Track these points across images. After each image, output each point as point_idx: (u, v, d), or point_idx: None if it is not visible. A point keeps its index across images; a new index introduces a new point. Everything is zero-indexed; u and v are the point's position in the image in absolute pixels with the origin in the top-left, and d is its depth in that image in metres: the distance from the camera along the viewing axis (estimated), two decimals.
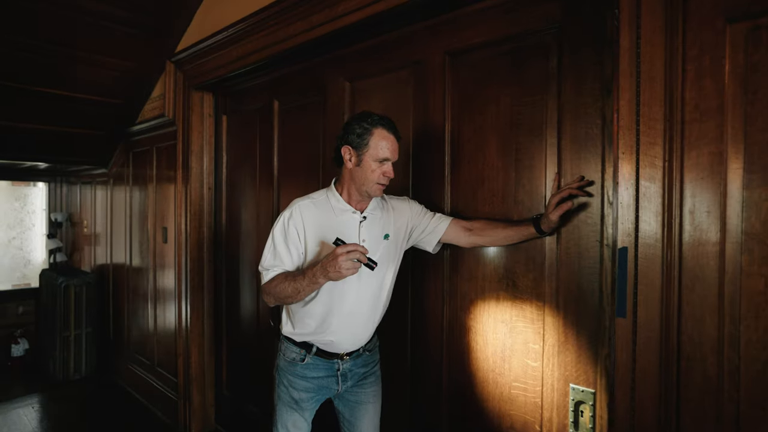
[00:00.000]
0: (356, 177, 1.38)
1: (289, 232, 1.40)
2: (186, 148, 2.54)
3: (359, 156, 1.36)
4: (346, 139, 1.38)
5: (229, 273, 2.52)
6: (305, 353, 1.46)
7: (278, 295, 1.38)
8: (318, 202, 1.44)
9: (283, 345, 1.51)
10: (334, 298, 1.39)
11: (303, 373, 1.47)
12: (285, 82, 2.12)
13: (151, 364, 3.10)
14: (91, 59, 2.51)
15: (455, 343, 1.48)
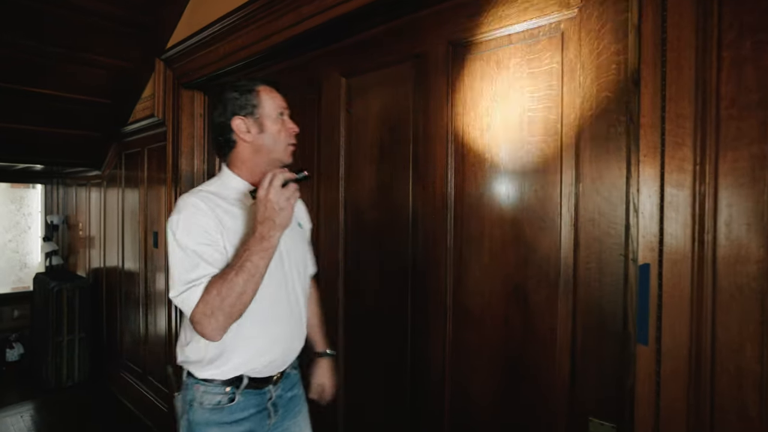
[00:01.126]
0: (264, 147, 1.17)
1: (206, 228, 1.07)
2: (175, 149, 2.43)
3: (257, 120, 1.16)
4: (232, 113, 1.16)
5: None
6: (233, 390, 1.14)
7: (227, 301, 1.00)
8: (218, 194, 1.15)
9: (199, 392, 1.15)
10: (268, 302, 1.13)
11: (231, 417, 1.15)
12: (279, 78, 1.99)
13: (142, 372, 2.99)
14: (82, 58, 2.41)
15: (458, 363, 1.34)
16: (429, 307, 1.41)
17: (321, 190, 1.77)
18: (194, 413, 1.14)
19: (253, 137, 1.16)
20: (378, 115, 1.56)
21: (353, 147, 1.66)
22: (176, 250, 1.07)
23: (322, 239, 1.77)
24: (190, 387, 1.16)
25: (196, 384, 1.15)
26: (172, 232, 1.08)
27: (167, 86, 2.44)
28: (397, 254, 1.50)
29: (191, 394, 1.16)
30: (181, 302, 1.04)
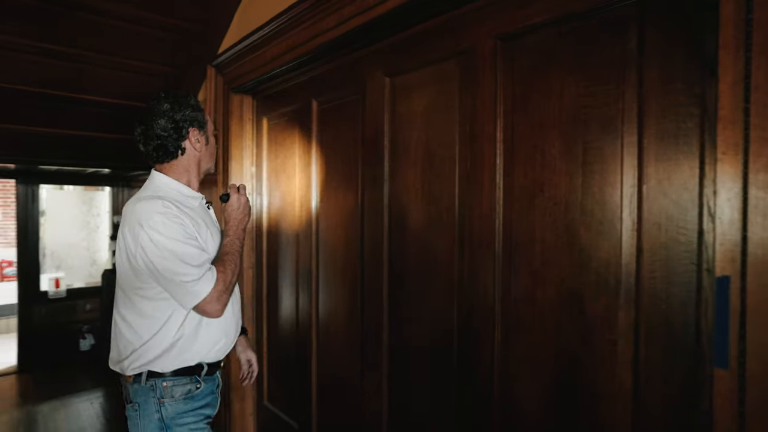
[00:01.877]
0: (205, 158, 1.34)
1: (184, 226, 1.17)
2: (226, 152, 2.50)
3: (205, 134, 1.30)
4: (189, 123, 1.26)
5: (270, 282, 2.45)
6: (197, 377, 1.25)
7: (234, 279, 1.22)
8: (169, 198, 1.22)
9: (167, 387, 1.22)
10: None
11: (201, 402, 1.27)
12: (323, 80, 2.00)
13: None
14: (142, 67, 2.55)
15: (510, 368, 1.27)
16: (475, 312, 1.34)
17: (365, 192, 1.75)
18: (167, 409, 1.21)
19: (201, 148, 1.31)
20: (422, 114, 1.52)
21: (397, 148, 1.62)
22: (174, 246, 1.14)
23: (366, 243, 1.75)
24: (157, 387, 1.22)
25: (164, 381, 1.22)
26: (161, 233, 1.14)
27: (218, 91, 2.52)
28: (442, 258, 1.45)
29: (159, 392, 1.22)
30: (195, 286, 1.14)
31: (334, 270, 1.95)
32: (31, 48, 2.20)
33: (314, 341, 2.07)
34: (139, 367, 1.23)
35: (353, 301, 1.83)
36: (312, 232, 2.07)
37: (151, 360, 1.22)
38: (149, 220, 1.14)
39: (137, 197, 1.25)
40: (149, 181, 1.30)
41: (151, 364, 1.22)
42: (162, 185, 1.27)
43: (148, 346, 1.22)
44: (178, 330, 1.21)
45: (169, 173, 1.29)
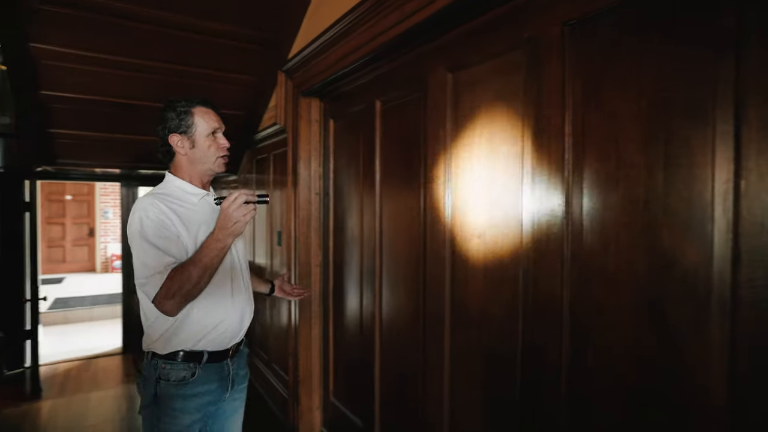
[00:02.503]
0: (196, 160, 1.40)
1: (166, 226, 1.29)
2: (295, 154, 2.59)
3: (190, 138, 1.38)
4: (169, 129, 1.39)
5: (336, 279, 2.50)
6: (195, 365, 1.36)
7: (184, 288, 1.23)
8: (168, 194, 1.37)
9: (164, 369, 1.34)
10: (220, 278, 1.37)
11: (194, 390, 1.36)
12: (386, 80, 2.00)
13: (268, 359, 3.28)
14: (220, 76, 2.72)
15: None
16: (542, 318, 1.25)
17: (427, 191, 1.72)
18: (161, 388, 1.34)
19: (186, 151, 1.39)
20: (486, 109, 1.45)
21: (460, 145, 1.57)
22: (142, 243, 1.27)
23: (429, 243, 1.71)
24: (157, 366, 1.35)
25: (163, 363, 1.34)
26: (137, 229, 1.28)
27: (287, 95, 2.62)
28: (505, 259, 1.37)
29: (157, 372, 1.35)
30: (144, 287, 1.27)
31: (396, 270, 1.95)
32: (129, 65, 2.44)
33: (377, 340, 2.08)
34: (147, 347, 1.39)
35: (416, 301, 1.81)
36: (375, 231, 2.08)
37: (154, 341, 1.35)
38: (137, 213, 1.30)
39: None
40: (165, 178, 1.46)
41: (153, 345, 1.36)
42: (168, 182, 1.43)
43: (152, 328, 1.35)
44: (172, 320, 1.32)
45: (174, 172, 1.44)
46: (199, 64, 2.58)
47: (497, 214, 1.40)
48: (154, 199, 1.33)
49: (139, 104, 2.72)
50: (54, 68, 2.36)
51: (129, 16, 2.16)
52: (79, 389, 3.58)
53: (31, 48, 2.21)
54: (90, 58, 2.33)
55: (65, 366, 4.24)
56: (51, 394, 3.52)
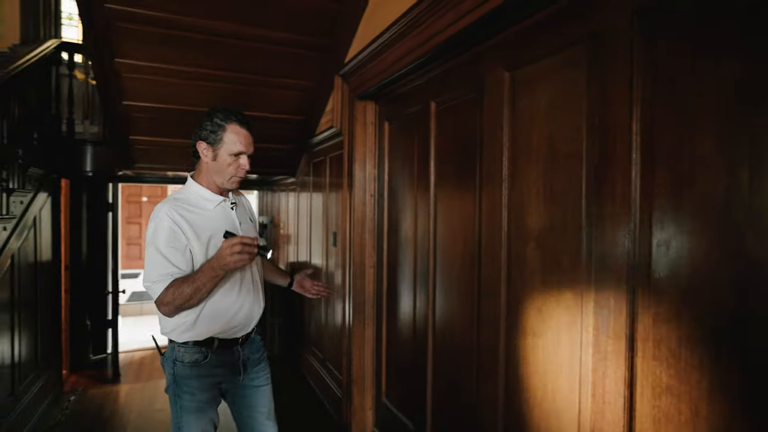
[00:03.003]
0: (213, 171, 1.50)
1: (174, 234, 1.41)
2: (350, 156, 2.64)
3: (214, 151, 1.47)
4: (200, 135, 1.48)
5: (389, 280, 2.51)
6: (207, 350, 1.51)
7: (176, 302, 1.37)
8: (184, 200, 1.50)
9: (180, 352, 1.50)
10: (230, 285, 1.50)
11: (207, 371, 1.51)
12: (441, 80, 1.98)
13: (323, 357, 3.35)
14: (279, 83, 2.83)
15: None
16: (605, 331, 1.18)
17: (483, 193, 1.68)
18: (177, 368, 1.50)
19: (208, 161, 1.50)
20: (545, 108, 1.40)
21: (518, 146, 1.52)
22: (154, 250, 1.41)
23: (484, 246, 1.67)
24: (174, 349, 1.52)
25: (178, 347, 1.51)
26: (150, 236, 1.42)
27: (344, 99, 2.67)
28: (566, 264, 1.31)
29: (174, 354, 1.52)
30: (149, 289, 1.42)
31: (450, 272, 1.92)
32: (194, 74, 2.60)
33: (430, 343, 2.06)
34: (163, 334, 1.55)
35: (470, 305, 1.77)
36: (429, 233, 2.06)
37: (169, 331, 1.52)
38: (152, 221, 1.44)
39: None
40: (186, 183, 1.58)
41: (169, 334, 1.53)
42: (187, 187, 1.55)
43: (166, 320, 1.50)
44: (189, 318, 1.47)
45: (196, 176, 1.56)
46: (259, 72, 2.70)
47: (557, 217, 1.34)
48: (172, 207, 1.44)
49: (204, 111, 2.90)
50: (133, 80, 2.57)
51: (191, 28, 2.30)
52: (151, 377, 3.86)
53: (115, 63, 2.43)
54: (161, 69, 2.51)
55: (140, 354, 4.59)
56: (128, 380, 3.83)
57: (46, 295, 3.16)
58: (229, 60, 2.56)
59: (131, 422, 2.96)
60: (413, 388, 2.20)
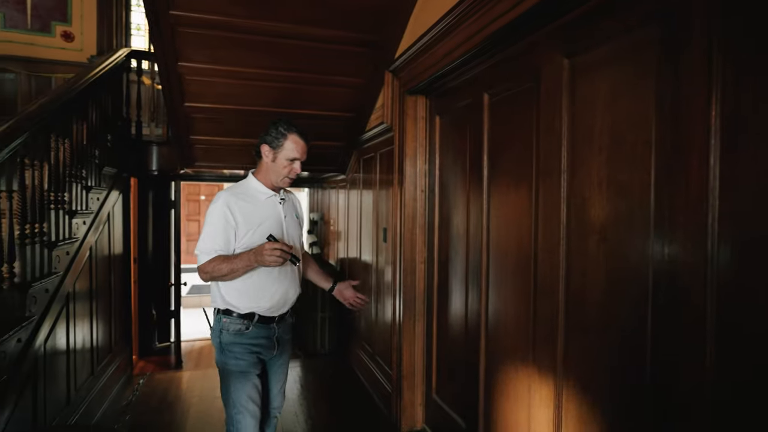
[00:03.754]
0: (271, 170, 1.78)
1: (227, 219, 1.68)
2: (401, 151, 2.64)
3: (275, 154, 1.75)
4: (264, 139, 1.76)
5: (440, 276, 2.49)
6: (248, 322, 1.74)
7: (214, 274, 1.66)
8: (243, 192, 1.77)
9: (225, 321, 1.74)
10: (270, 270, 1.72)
11: (249, 341, 1.74)
12: (494, 71, 1.94)
13: (372, 352, 3.38)
14: (330, 80, 2.87)
15: None
16: (681, 322, 1.10)
17: (540, 186, 1.63)
18: (224, 336, 1.75)
19: (268, 161, 1.78)
20: (608, 94, 1.33)
21: (577, 136, 1.45)
22: (209, 226, 1.70)
23: (540, 241, 1.62)
24: (220, 320, 1.76)
25: (224, 318, 1.75)
26: (208, 214, 1.71)
27: (394, 94, 2.68)
28: (633, 260, 1.24)
29: (221, 324, 1.76)
30: (197, 256, 1.71)
31: (504, 268, 1.87)
32: (250, 75, 2.70)
33: (483, 340, 2.02)
34: (213, 304, 1.81)
35: (525, 302, 1.72)
36: (482, 228, 2.02)
37: (218, 301, 1.77)
38: (213, 204, 1.73)
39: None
40: (247, 176, 1.85)
41: (217, 303, 1.78)
42: (247, 180, 1.83)
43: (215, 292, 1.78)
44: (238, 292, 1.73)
45: (255, 173, 1.84)
46: (312, 70, 2.75)
47: (622, 209, 1.27)
48: (229, 196, 1.73)
49: (260, 110, 3.00)
50: (194, 83, 2.71)
51: (248, 30, 2.38)
52: (210, 365, 4.06)
53: (179, 67, 2.57)
54: (220, 71, 2.63)
55: (200, 344, 4.84)
56: (189, 367, 4.05)
57: (118, 286, 3.41)
58: (283, 60, 2.64)
59: (193, 406, 3.13)
60: (465, 385, 2.17)
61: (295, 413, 3.05)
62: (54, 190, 2.18)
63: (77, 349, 2.54)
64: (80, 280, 2.58)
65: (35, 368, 1.97)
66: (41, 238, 2.01)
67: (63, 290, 2.29)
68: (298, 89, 2.90)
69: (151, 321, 4.49)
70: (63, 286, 2.29)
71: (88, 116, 2.72)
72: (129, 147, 3.58)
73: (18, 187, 1.82)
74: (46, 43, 4.91)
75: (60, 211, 2.22)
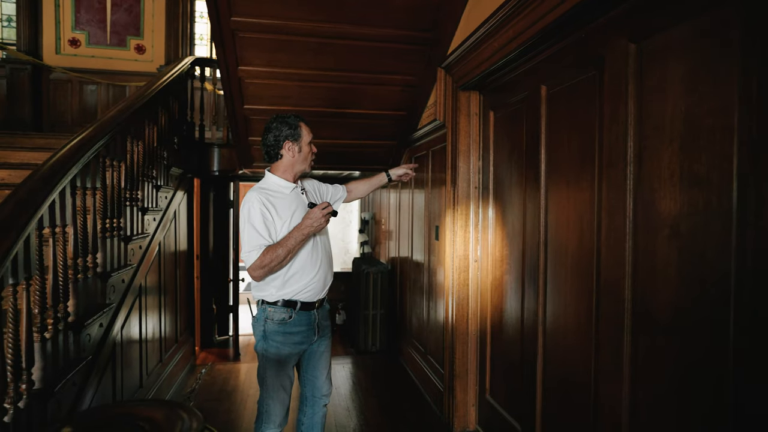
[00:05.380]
0: (298, 162, 1.88)
1: (264, 215, 1.76)
2: (454, 148, 2.61)
3: (298, 145, 1.86)
4: (284, 138, 1.84)
5: (494, 274, 2.44)
6: (291, 311, 1.82)
7: (272, 264, 1.72)
8: (269, 188, 1.85)
9: (269, 311, 1.82)
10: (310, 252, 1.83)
11: (291, 329, 1.83)
12: (552, 62, 1.87)
13: (424, 351, 3.36)
14: (381, 79, 2.90)
15: None
16: (761, 337, 1.01)
17: (603, 179, 1.55)
18: (268, 325, 1.83)
19: (294, 155, 1.87)
20: (681, 78, 1.24)
21: (646, 124, 1.37)
22: (250, 226, 1.75)
23: (604, 237, 1.54)
24: (265, 310, 1.84)
25: (269, 307, 1.83)
26: (245, 216, 1.77)
27: (447, 91, 2.65)
28: (710, 257, 1.15)
29: (265, 314, 1.84)
30: (246, 258, 1.75)
31: (563, 266, 1.80)
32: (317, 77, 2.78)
33: (540, 341, 1.96)
34: (257, 297, 1.88)
35: (587, 302, 1.64)
36: (539, 224, 1.96)
37: (264, 293, 1.84)
38: (245, 204, 1.79)
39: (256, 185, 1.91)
40: (265, 176, 1.92)
41: (263, 295, 1.85)
42: (267, 179, 1.90)
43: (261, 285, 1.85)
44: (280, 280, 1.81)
45: (274, 171, 1.90)
46: (364, 70, 2.79)
47: (698, 201, 1.18)
48: (259, 194, 1.81)
49: (313, 110, 3.08)
50: (253, 85, 2.83)
51: (304, 33, 2.45)
52: None
53: (239, 71, 2.69)
54: (277, 73, 2.73)
55: None
56: (246, 359, 4.23)
57: (183, 281, 3.63)
58: (336, 60, 2.69)
59: (250, 397, 3.27)
60: (521, 386, 2.11)
61: (348, 408, 3.10)
62: (129, 188, 2.36)
63: (148, 338, 2.73)
64: (150, 274, 2.77)
65: (113, 352, 2.14)
66: (118, 233, 2.18)
67: (136, 282, 2.47)
68: (351, 89, 2.95)
69: (211, 315, 4.73)
70: (136, 278, 2.47)
71: (158, 120, 2.92)
72: (192, 148, 3.80)
73: (100, 185, 1.99)
74: (121, 56, 5.33)
75: (134, 208, 2.40)
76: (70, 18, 5.18)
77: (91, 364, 1.85)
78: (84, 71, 5.13)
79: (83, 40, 5.23)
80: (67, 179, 1.66)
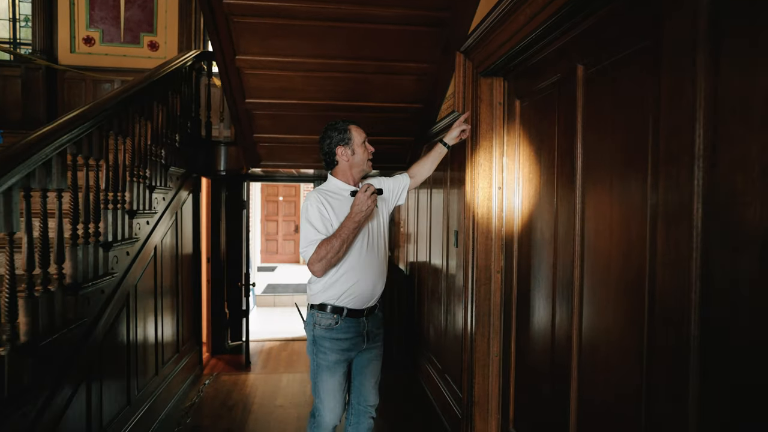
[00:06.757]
0: (354, 164, 1.91)
1: (321, 212, 1.79)
2: (474, 143, 2.29)
3: (351, 148, 1.89)
4: (335, 144, 1.88)
5: (520, 289, 2.11)
6: (338, 317, 1.82)
7: (328, 255, 1.71)
8: (329, 190, 1.89)
9: (317, 316, 1.84)
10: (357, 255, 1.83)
11: (338, 335, 1.83)
12: (591, 36, 1.54)
13: (441, 368, 3.05)
14: (396, 67, 2.61)
15: None
16: None
17: (660, 177, 1.21)
18: (316, 330, 1.86)
19: (348, 159, 1.90)
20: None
21: (723, 106, 1.03)
22: (308, 224, 1.80)
23: (660, 248, 1.21)
24: (314, 315, 1.87)
25: (318, 312, 1.85)
26: (304, 213, 1.82)
27: (467, 78, 2.34)
28: None
29: (314, 319, 1.86)
30: (304, 254, 1.79)
31: (605, 285, 1.47)
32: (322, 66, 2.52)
33: (574, 367, 1.63)
34: (308, 300, 1.92)
35: (635, 325, 1.31)
36: (575, 231, 1.63)
37: (312, 295, 1.88)
38: (306, 202, 1.85)
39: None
40: (327, 179, 1.97)
41: (311, 298, 1.90)
42: (329, 182, 1.95)
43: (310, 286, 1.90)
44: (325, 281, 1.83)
45: (334, 175, 1.95)
46: (375, 57, 2.50)
47: None
48: (319, 194, 1.86)
49: (322, 104, 2.82)
50: (253, 77, 2.59)
51: (304, 15, 2.19)
52: (276, 369, 3.99)
53: (237, 61, 2.46)
54: (277, 62, 2.48)
55: (269, 344, 4.83)
56: (256, 369, 4.02)
57: (186, 286, 3.44)
58: (343, 46, 2.42)
59: (252, 413, 3.04)
60: (551, 419, 1.78)
61: None
62: (113, 190, 2.15)
63: (138, 350, 2.53)
64: (142, 281, 2.57)
65: (88, 373, 1.93)
66: (96, 239, 1.97)
67: (122, 291, 2.27)
68: (363, 79, 2.67)
69: (224, 320, 4.56)
70: (121, 287, 2.26)
71: (152, 116, 2.72)
72: (198, 147, 3.61)
73: (71, 186, 1.78)
74: (135, 53, 5.24)
75: (118, 211, 2.19)
76: (85, 16, 5.12)
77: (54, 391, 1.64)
78: (98, 69, 5.05)
79: (97, 38, 5.16)
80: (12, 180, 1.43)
